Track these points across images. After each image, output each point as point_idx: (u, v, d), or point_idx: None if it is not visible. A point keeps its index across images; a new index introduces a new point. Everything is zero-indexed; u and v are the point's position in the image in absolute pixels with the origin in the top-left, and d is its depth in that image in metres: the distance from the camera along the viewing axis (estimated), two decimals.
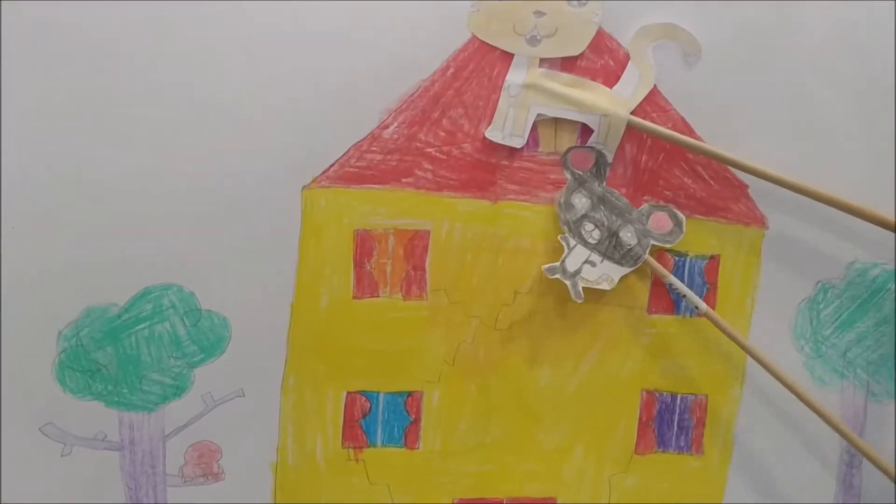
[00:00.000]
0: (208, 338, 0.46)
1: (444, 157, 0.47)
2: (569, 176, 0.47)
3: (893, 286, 0.50)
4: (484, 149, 0.47)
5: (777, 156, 0.47)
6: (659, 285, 0.49)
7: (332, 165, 0.46)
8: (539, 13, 0.46)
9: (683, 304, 0.49)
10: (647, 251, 0.48)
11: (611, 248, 0.47)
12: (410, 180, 0.47)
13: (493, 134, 0.47)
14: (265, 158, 0.45)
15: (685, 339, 0.50)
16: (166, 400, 0.47)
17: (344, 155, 0.46)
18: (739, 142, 0.47)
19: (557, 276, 0.47)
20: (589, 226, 0.47)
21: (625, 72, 0.47)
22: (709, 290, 0.50)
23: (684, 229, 0.48)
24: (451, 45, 0.46)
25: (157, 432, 0.47)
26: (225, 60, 0.44)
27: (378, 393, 0.48)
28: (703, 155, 0.47)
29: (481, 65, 0.46)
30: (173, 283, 0.45)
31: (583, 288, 0.46)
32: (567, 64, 0.47)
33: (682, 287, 0.48)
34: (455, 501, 0.50)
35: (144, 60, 0.43)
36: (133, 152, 0.44)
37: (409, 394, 0.49)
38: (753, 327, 0.50)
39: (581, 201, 0.47)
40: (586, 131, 0.47)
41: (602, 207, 0.47)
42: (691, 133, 0.48)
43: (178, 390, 0.46)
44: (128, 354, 0.46)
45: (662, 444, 0.51)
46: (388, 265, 0.47)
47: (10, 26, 0.42)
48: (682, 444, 0.51)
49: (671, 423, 0.51)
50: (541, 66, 0.47)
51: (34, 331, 0.44)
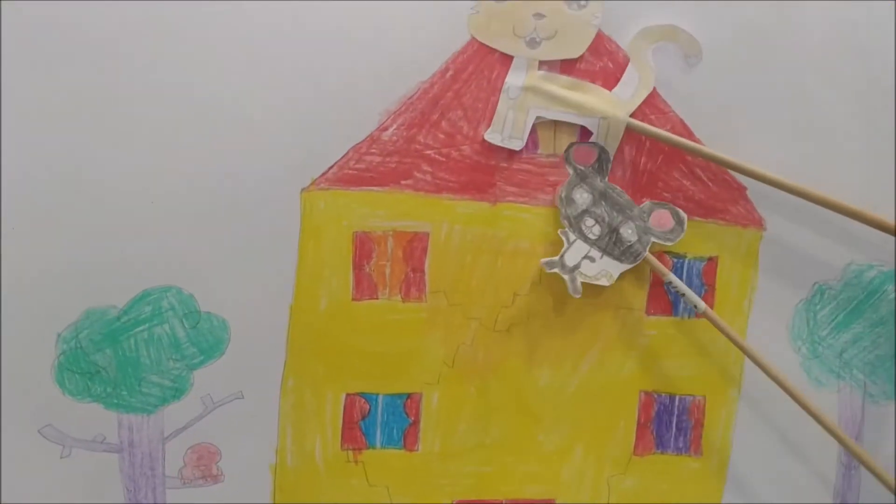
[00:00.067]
0: (207, 340, 0.46)
1: (444, 160, 0.47)
2: (570, 171, 0.47)
3: (890, 288, 0.50)
4: (483, 151, 0.47)
5: (777, 156, 0.48)
6: (657, 287, 0.49)
7: (331, 167, 0.46)
8: (539, 15, 0.46)
9: (682, 305, 0.50)
10: (648, 248, 0.47)
11: (611, 244, 0.47)
12: (409, 182, 0.47)
13: (493, 136, 0.47)
14: (265, 159, 0.45)
15: (683, 340, 0.50)
16: (165, 402, 0.46)
17: (343, 157, 0.46)
18: (739, 142, 0.48)
19: (556, 270, 0.46)
20: (589, 221, 0.47)
21: (624, 74, 0.47)
22: (707, 291, 0.50)
23: (685, 227, 0.48)
24: (451, 46, 0.46)
25: (157, 434, 0.47)
26: (225, 60, 0.44)
27: (377, 395, 0.48)
28: (701, 157, 0.48)
29: (480, 67, 0.46)
30: (172, 284, 0.45)
31: (581, 284, 0.46)
32: (566, 66, 0.47)
33: (681, 285, 0.48)
34: (454, 503, 0.50)
35: (144, 60, 0.43)
36: (133, 153, 0.44)
37: (409, 395, 0.49)
38: (751, 328, 0.50)
39: (582, 196, 0.47)
40: (585, 134, 0.47)
41: (603, 203, 0.47)
42: (690, 135, 0.48)
43: (178, 392, 0.46)
44: (127, 356, 0.45)
45: (661, 445, 0.51)
46: (388, 267, 0.47)
47: (10, 26, 0.42)
48: (681, 445, 0.51)
49: (670, 424, 0.51)
50: (540, 68, 0.47)
51: (33, 333, 0.44)
